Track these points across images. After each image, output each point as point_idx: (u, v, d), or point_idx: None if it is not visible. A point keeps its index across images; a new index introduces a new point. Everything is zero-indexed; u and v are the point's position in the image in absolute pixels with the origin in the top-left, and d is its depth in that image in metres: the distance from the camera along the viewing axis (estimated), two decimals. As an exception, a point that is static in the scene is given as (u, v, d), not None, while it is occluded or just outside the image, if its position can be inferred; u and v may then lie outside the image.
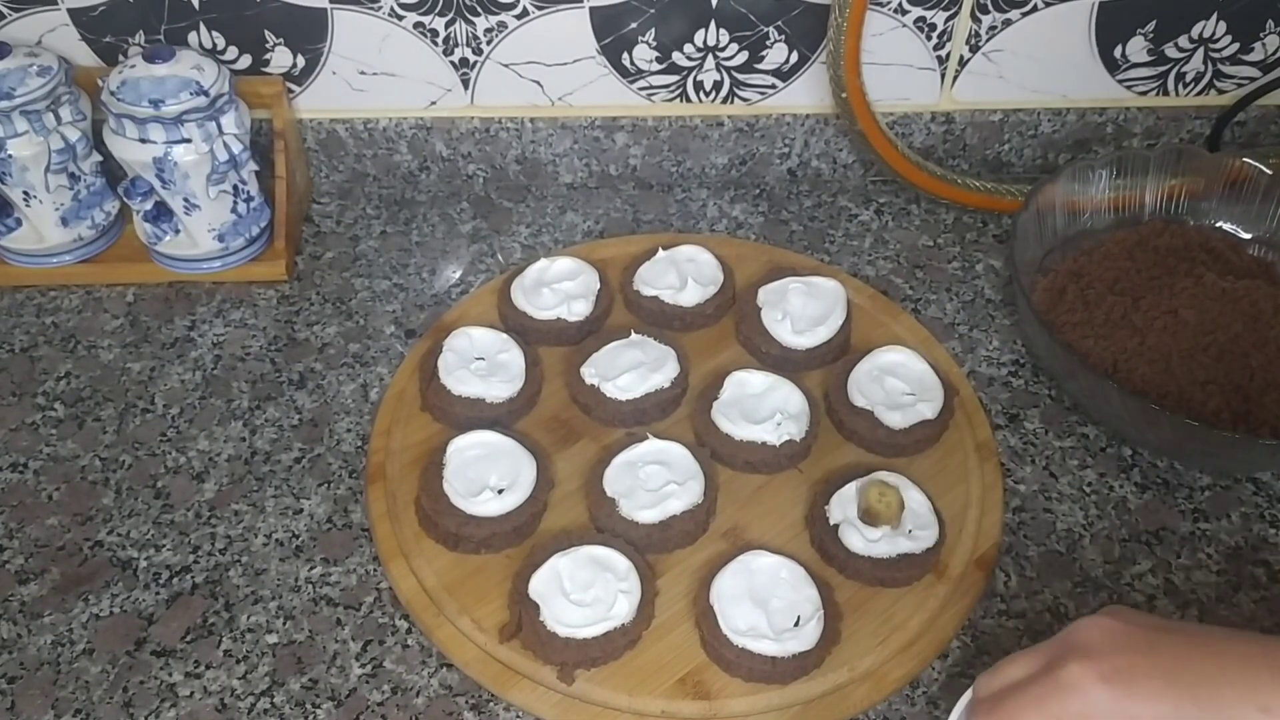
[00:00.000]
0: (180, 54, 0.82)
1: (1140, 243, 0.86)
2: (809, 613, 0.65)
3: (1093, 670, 0.47)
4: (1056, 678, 0.48)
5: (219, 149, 0.82)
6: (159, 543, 0.72)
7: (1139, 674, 0.47)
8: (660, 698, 0.63)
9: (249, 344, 0.85)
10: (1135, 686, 0.46)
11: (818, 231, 0.96)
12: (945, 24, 0.90)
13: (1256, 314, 0.78)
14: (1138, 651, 0.48)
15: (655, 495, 0.70)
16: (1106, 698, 0.46)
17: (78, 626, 0.67)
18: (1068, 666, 0.48)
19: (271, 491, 0.75)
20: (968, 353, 0.85)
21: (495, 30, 0.88)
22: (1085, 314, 0.81)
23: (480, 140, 0.96)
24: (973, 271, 0.92)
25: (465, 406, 0.76)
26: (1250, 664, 0.46)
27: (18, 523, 0.73)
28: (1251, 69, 0.95)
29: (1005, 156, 1.00)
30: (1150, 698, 0.46)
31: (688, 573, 0.69)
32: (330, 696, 0.64)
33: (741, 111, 0.96)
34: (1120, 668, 0.47)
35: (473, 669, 0.65)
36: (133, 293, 0.89)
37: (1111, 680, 0.47)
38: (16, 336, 0.85)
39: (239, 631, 0.67)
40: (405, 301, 0.88)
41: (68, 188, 0.86)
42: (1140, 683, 0.46)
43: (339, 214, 0.96)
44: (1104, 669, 0.47)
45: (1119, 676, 0.47)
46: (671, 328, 0.84)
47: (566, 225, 0.96)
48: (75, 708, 0.64)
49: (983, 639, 0.68)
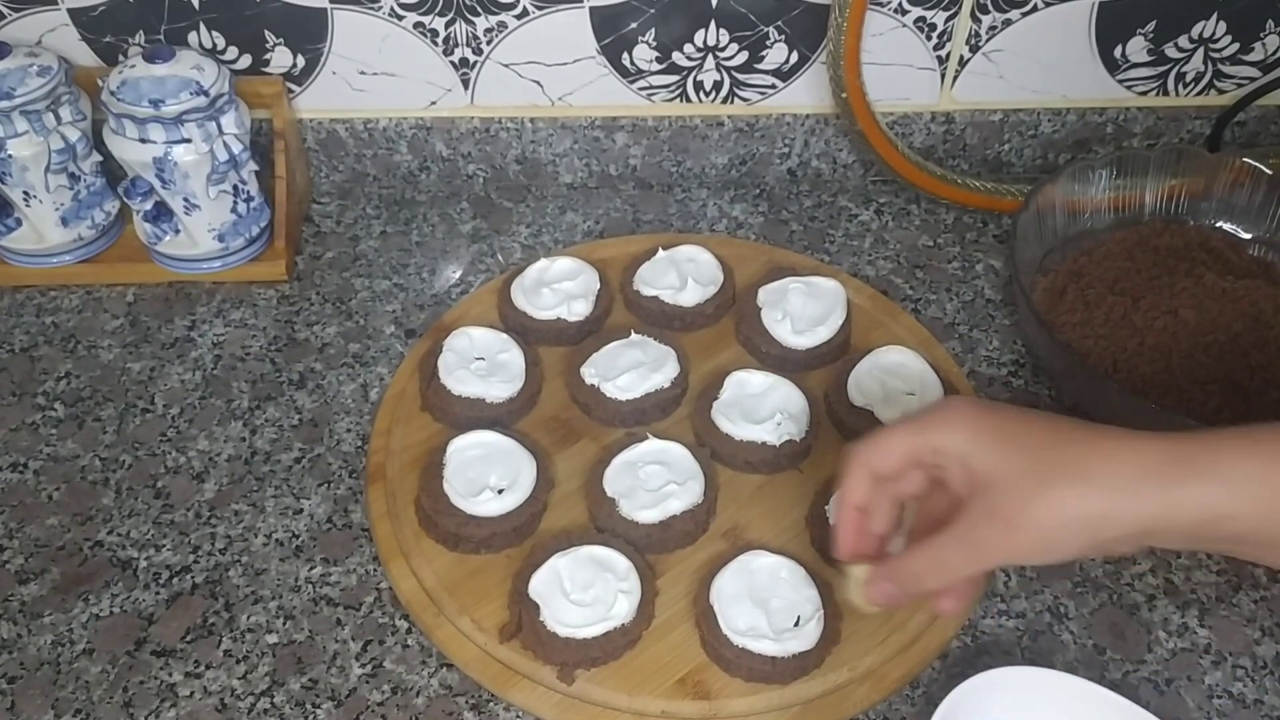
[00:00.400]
0: (180, 54, 0.82)
1: (1140, 243, 0.86)
2: (809, 613, 0.65)
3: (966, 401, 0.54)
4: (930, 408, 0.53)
5: (219, 149, 0.82)
6: (159, 543, 0.72)
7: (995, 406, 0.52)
8: (660, 698, 0.63)
9: (249, 344, 0.85)
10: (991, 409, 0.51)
11: (818, 231, 0.96)
12: (945, 24, 0.90)
13: (1256, 314, 0.78)
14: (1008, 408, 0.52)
15: (655, 495, 0.70)
16: (964, 415, 0.51)
17: (78, 626, 0.67)
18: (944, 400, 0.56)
19: (271, 491, 0.75)
20: (968, 353, 0.85)
21: (495, 30, 0.88)
22: (1085, 314, 0.81)
23: (480, 140, 0.96)
24: (973, 271, 0.92)
25: (465, 406, 0.76)
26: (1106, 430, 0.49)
27: (18, 523, 0.73)
28: (1251, 69, 0.95)
29: (1005, 156, 1.00)
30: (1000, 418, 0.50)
31: (688, 573, 0.69)
32: (330, 696, 0.64)
33: (741, 111, 0.96)
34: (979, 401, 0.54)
35: (473, 669, 0.65)
36: (133, 293, 0.89)
37: (971, 404, 0.52)
38: (16, 336, 0.85)
39: (239, 631, 0.67)
40: (405, 301, 0.88)
41: (68, 188, 0.86)
42: (996, 409, 0.51)
43: (339, 214, 0.96)
44: (975, 402, 0.53)
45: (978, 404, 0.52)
46: (671, 328, 0.84)
47: (566, 225, 0.96)
48: (75, 708, 0.64)
49: (983, 639, 0.68)
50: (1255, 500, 0.46)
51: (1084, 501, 0.47)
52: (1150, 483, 0.46)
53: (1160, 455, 0.47)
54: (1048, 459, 0.48)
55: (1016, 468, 0.48)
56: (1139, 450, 0.47)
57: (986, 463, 0.49)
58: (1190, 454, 0.46)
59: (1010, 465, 0.48)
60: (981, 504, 0.49)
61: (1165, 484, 0.46)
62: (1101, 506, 0.47)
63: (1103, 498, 0.47)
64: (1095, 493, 0.47)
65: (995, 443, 0.49)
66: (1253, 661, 0.67)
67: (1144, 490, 0.46)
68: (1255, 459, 0.46)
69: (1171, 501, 0.46)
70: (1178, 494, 0.46)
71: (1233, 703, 0.65)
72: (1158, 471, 0.46)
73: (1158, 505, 0.46)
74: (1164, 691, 0.65)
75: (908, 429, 0.52)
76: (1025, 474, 0.48)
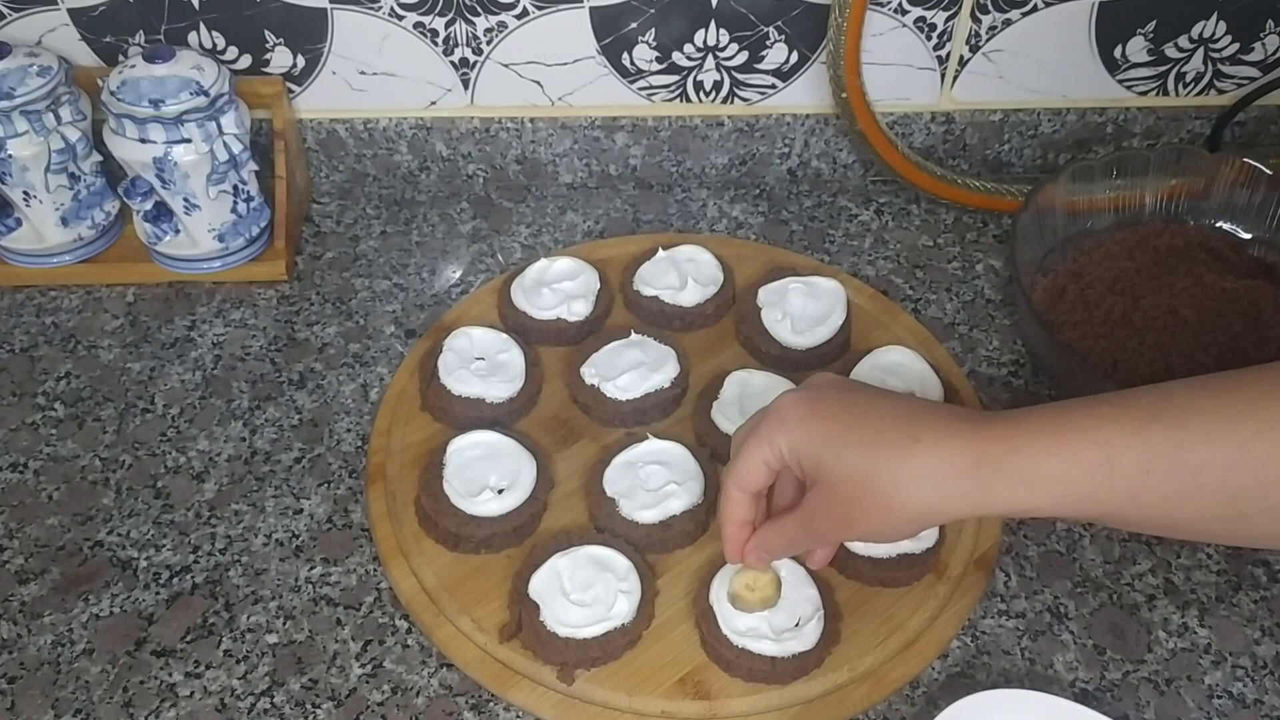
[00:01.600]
0: (180, 54, 0.82)
1: (1140, 243, 0.86)
2: (809, 613, 0.65)
3: (793, 397, 0.57)
4: (768, 411, 0.57)
5: (219, 149, 0.82)
6: (159, 543, 0.72)
7: (829, 403, 0.56)
8: (660, 698, 0.63)
9: (249, 344, 0.85)
10: (821, 409, 0.56)
11: (818, 231, 0.96)
12: (945, 24, 0.90)
13: (1256, 314, 0.78)
14: (838, 389, 0.58)
15: (655, 495, 0.70)
16: (800, 416, 0.56)
17: (78, 626, 0.67)
18: (778, 400, 0.57)
19: (271, 491, 0.75)
20: (968, 353, 0.85)
21: (495, 30, 0.88)
22: (1085, 314, 0.81)
23: (480, 140, 0.96)
24: (973, 271, 0.92)
25: (465, 406, 0.76)
26: (913, 410, 0.55)
27: (18, 523, 0.73)
28: (1251, 69, 0.95)
29: (1005, 156, 1.00)
30: (829, 419, 0.55)
31: (688, 573, 0.69)
32: (330, 696, 0.64)
33: (741, 111, 0.96)
34: (816, 398, 0.56)
35: (473, 669, 0.65)
36: (133, 293, 0.89)
37: (805, 404, 0.56)
38: (16, 336, 0.85)
39: (239, 631, 0.67)
40: (405, 301, 0.88)
41: (68, 188, 0.86)
42: (827, 407, 0.56)
43: (339, 214, 0.96)
44: (802, 397, 0.57)
45: (813, 403, 0.56)
46: (671, 328, 0.84)
47: (566, 225, 0.96)
48: (75, 708, 0.64)
49: (983, 639, 0.68)
50: (1054, 498, 0.51)
51: (905, 506, 0.53)
52: (961, 483, 0.51)
53: (969, 458, 0.51)
54: (869, 465, 0.53)
55: (844, 471, 0.54)
56: (951, 452, 0.52)
57: (817, 463, 0.55)
58: (996, 455, 0.51)
59: (839, 468, 0.54)
60: (818, 498, 0.55)
61: (976, 484, 0.51)
62: (919, 508, 0.53)
63: (919, 501, 0.52)
64: (914, 500, 0.52)
65: (824, 445, 0.54)
66: (1253, 661, 0.67)
67: (955, 492, 0.52)
68: (1055, 458, 0.50)
69: (981, 499, 0.52)
70: (987, 493, 0.51)
71: (1233, 703, 0.65)
72: (968, 472, 0.51)
73: (968, 503, 0.52)
74: (1164, 691, 0.65)
75: (758, 443, 0.57)
76: (851, 479, 0.53)
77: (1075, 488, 0.50)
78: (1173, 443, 0.48)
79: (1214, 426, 0.48)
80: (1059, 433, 0.50)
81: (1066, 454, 0.50)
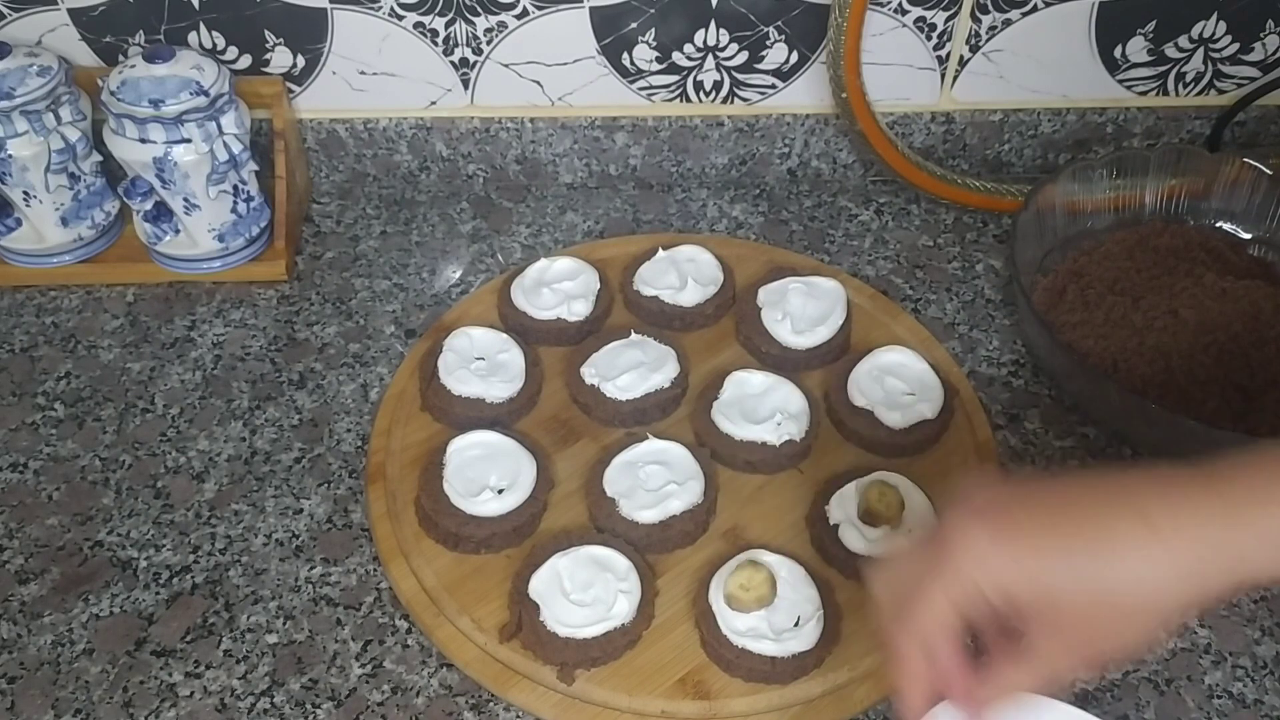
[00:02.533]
0: (180, 54, 0.82)
1: (1140, 243, 0.86)
2: (809, 613, 0.65)
3: (974, 521, 0.46)
4: (945, 546, 0.46)
5: (219, 149, 0.82)
6: (159, 543, 0.72)
7: (1023, 521, 0.46)
8: (660, 698, 0.63)
9: (249, 344, 0.85)
10: (1020, 532, 0.45)
11: (818, 231, 0.96)
12: (945, 24, 0.90)
13: (1256, 314, 0.78)
14: (1018, 502, 0.47)
15: (655, 495, 0.70)
16: (995, 552, 0.45)
17: (78, 626, 0.67)
18: (952, 529, 0.46)
19: (271, 491, 0.75)
20: (968, 353, 0.85)
21: (495, 30, 0.88)
22: (1085, 314, 0.81)
23: (480, 140, 0.96)
24: (973, 271, 0.92)
25: (465, 406, 0.76)
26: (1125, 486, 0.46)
27: (18, 523, 0.73)
28: (1251, 69, 0.95)
29: (1005, 156, 1.00)
30: (1035, 539, 0.45)
31: (688, 573, 0.69)
32: (330, 696, 0.64)
33: (741, 111, 0.96)
34: (1004, 523, 0.46)
35: (473, 669, 0.65)
36: (133, 293, 0.89)
37: (1003, 534, 0.46)
38: (16, 336, 0.85)
39: (239, 631, 0.67)
40: (405, 301, 0.88)
41: (68, 188, 0.86)
42: (1024, 527, 0.46)
43: (339, 214, 0.96)
44: (991, 526, 0.46)
45: (1004, 530, 0.46)
46: (671, 328, 0.84)
47: (566, 225, 0.96)
48: (75, 708, 0.64)
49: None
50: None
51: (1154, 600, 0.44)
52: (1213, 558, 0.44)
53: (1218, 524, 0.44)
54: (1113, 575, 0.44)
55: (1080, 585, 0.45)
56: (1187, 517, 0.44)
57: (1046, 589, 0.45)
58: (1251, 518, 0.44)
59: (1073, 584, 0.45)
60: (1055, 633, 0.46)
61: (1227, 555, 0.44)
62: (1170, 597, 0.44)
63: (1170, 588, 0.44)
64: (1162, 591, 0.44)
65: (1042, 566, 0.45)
66: (1253, 661, 0.67)
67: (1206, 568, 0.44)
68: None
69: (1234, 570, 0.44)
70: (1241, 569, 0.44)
71: (1233, 703, 0.65)
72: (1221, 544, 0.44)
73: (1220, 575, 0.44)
74: (1164, 691, 0.65)
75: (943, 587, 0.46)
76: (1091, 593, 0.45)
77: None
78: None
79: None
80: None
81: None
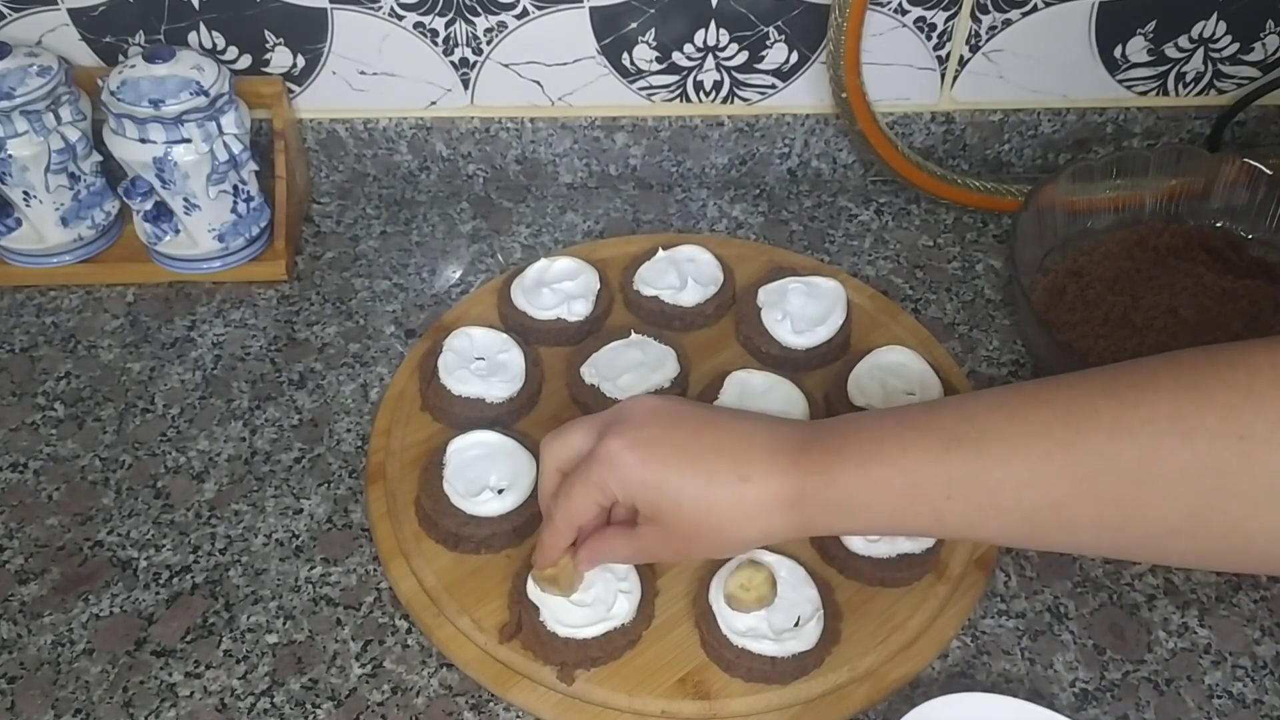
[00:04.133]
0: (180, 54, 0.82)
1: (1140, 243, 0.86)
2: (809, 613, 0.65)
3: (623, 440, 0.55)
4: (596, 452, 0.56)
5: (219, 149, 0.82)
6: (159, 543, 0.72)
7: (659, 443, 0.55)
8: (660, 698, 0.63)
9: (249, 344, 0.85)
10: (653, 452, 0.55)
11: (818, 231, 0.96)
12: (945, 24, 0.90)
13: (1256, 314, 0.78)
14: (664, 424, 0.56)
15: (655, 495, 0.70)
16: (633, 463, 0.55)
17: (78, 626, 0.67)
18: (606, 440, 0.56)
19: (271, 491, 0.75)
20: (968, 353, 0.85)
21: (495, 30, 0.88)
22: (1085, 314, 0.81)
23: (480, 140, 0.96)
24: (973, 271, 0.92)
25: (465, 406, 0.76)
26: (742, 444, 0.56)
27: (18, 523, 0.73)
28: (1251, 69, 0.95)
29: (1005, 156, 1.00)
30: (662, 463, 0.55)
31: (687, 572, 0.69)
32: (330, 696, 0.64)
33: (741, 111, 0.96)
34: (645, 439, 0.55)
35: (473, 669, 0.65)
36: (133, 293, 0.89)
37: (636, 448, 0.55)
38: (16, 336, 0.85)
39: (239, 631, 0.67)
40: (405, 301, 0.88)
41: (68, 188, 0.86)
42: (658, 449, 0.55)
43: (339, 214, 0.96)
44: (631, 439, 0.55)
45: (643, 446, 0.55)
46: (671, 328, 0.84)
47: (566, 225, 0.96)
48: (75, 708, 0.64)
49: (983, 639, 0.68)
50: (868, 523, 0.55)
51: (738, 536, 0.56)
52: (786, 515, 0.55)
53: (793, 492, 0.54)
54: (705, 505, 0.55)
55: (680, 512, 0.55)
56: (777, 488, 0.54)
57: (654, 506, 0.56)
58: (816, 489, 0.54)
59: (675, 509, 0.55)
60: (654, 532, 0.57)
61: (799, 515, 0.55)
62: (751, 536, 0.57)
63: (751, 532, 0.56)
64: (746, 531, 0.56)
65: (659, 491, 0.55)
66: (1253, 661, 0.67)
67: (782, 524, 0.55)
68: (866, 489, 0.53)
69: (806, 526, 0.56)
70: (811, 522, 0.55)
71: (1233, 703, 0.65)
72: (793, 505, 0.54)
73: (796, 531, 0.56)
74: (1164, 691, 0.65)
75: (590, 487, 0.57)
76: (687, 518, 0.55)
77: (884, 513, 0.54)
78: (971, 468, 0.51)
79: (1008, 450, 0.51)
80: (869, 462, 0.53)
81: (877, 484, 0.53)
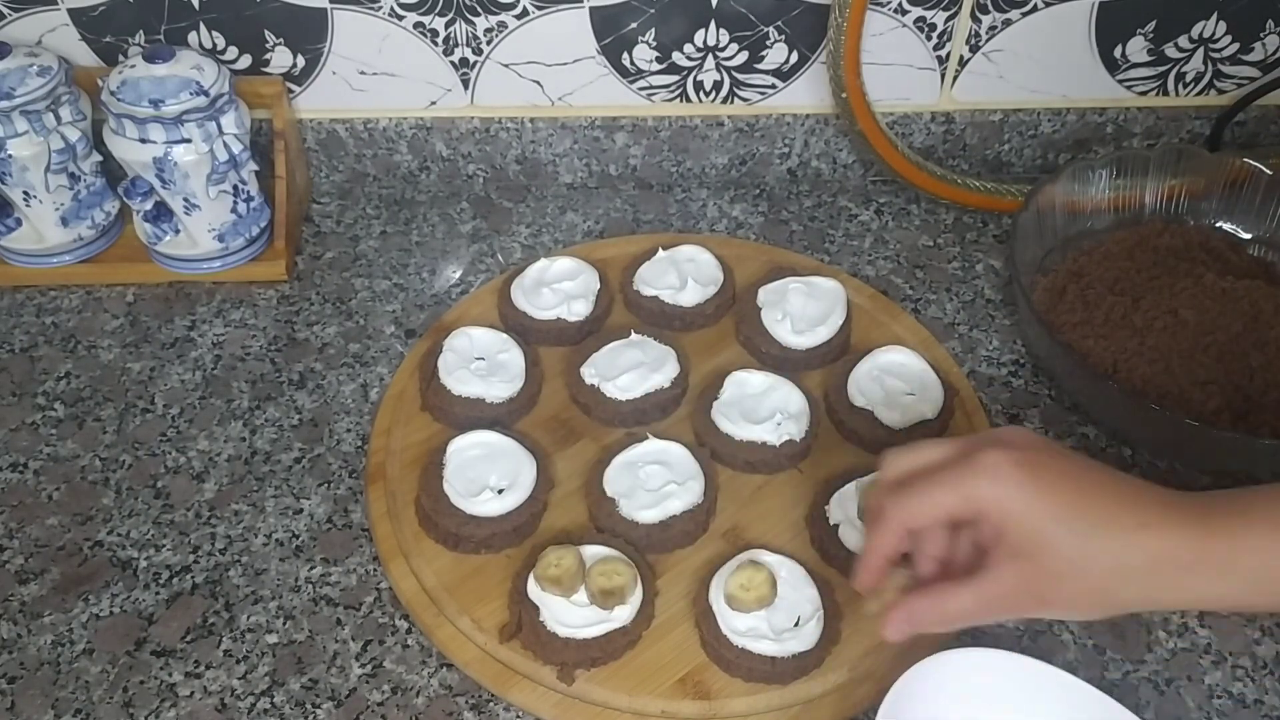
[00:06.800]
0: (180, 54, 0.82)
1: (1140, 243, 0.86)
2: (809, 613, 0.65)
3: (1008, 457, 0.50)
4: (972, 460, 0.51)
5: (219, 149, 0.82)
6: (159, 543, 0.72)
7: (1047, 468, 0.50)
8: (660, 698, 0.63)
9: (249, 344, 0.85)
10: (1041, 476, 0.50)
11: (818, 231, 0.96)
12: (945, 24, 0.90)
13: (1256, 314, 0.78)
14: (1050, 453, 0.52)
15: (655, 495, 0.70)
16: (1015, 482, 0.50)
17: (78, 626, 0.67)
18: (986, 451, 0.51)
19: (271, 491, 0.75)
20: (968, 353, 0.85)
21: (495, 30, 0.88)
22: (1085, 314, 0.81)
23: (480, 140, 0.96)
24: (973, 271, 0.92)
25: (465, 406, 0.76)
26: (1145, 488, 0.51)
27: (18, 523, 0.73)
28: (1251, 69, 0.95)
29: (1005, 156, 1.00)
30: (1052, 491, 0.50)
31: (687, 573, 0.69)
32: (330, 696, 0.64)
33: (741, 111, 0.96)
34: (1033, 460, 0.50)
35: (473, 669, 0.65)
36: (133, 293, 0.89)
37: (1023, 466, 0.50)
38: (16, 336, 0.85)
39: (239, 631, 0.67)
40: (405, 301, 0.88)
41: (68, 188, 0.86)
42: (1046, 475, 0.50)
43: (339, 214, 0.96)
44: (1018, 457, 0.50)
45: (1030, 466, 0.50)
46: (671, 328, 0.84)
47: (566, 225, 0.96)
48: (75, 708, 0.64)
49: (983, 639, 0.67)
50: (1267, 594, 0.49)
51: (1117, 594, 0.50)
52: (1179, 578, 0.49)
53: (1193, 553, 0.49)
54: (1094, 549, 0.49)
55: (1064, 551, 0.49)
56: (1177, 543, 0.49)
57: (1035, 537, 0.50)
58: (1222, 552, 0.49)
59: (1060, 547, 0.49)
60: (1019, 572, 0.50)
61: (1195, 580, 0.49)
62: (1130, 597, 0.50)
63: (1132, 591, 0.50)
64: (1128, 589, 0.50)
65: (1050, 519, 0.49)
66: (1253, 661, 0.67)
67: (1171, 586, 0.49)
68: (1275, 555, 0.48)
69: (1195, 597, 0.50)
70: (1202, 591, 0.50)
71: (1233, 703, 0.65)
72: (1189, 568, 0.49)
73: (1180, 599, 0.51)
74: (1164, 691, 0.65)
75: (946, 490, 0.51)
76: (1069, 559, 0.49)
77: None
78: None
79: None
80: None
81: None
